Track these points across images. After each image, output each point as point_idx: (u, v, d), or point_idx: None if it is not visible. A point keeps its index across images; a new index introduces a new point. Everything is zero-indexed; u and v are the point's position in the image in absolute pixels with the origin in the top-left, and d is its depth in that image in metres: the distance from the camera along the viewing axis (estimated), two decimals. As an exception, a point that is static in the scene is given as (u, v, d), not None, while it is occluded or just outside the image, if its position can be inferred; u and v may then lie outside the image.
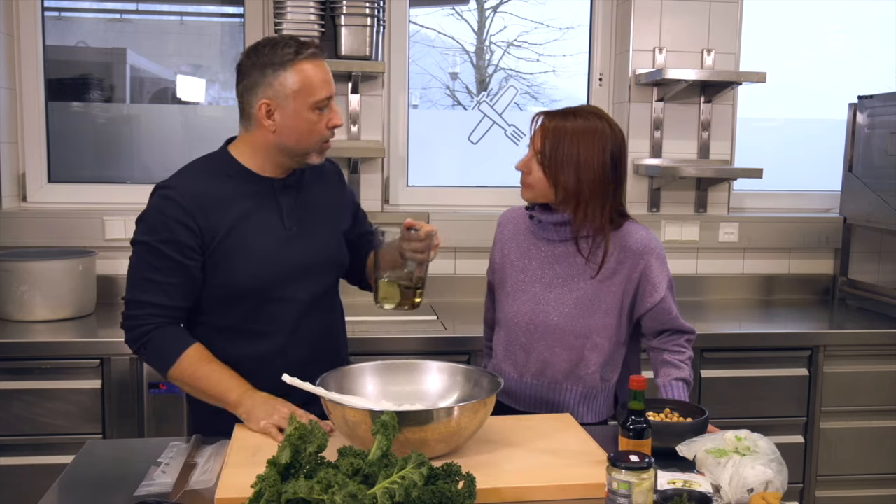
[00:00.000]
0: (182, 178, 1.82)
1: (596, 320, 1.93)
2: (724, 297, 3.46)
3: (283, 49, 1.73)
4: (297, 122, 1.75)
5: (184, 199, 1.74)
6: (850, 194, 3.43)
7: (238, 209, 1.79)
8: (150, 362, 1.83)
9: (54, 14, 3.35)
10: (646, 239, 1.93)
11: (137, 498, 1.43)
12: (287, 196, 1.85)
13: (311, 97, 1.74)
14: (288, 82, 1.73)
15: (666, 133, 3.35)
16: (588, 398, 1.98)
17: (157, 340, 1.76)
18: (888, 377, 2.91)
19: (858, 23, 3.73)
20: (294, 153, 1.80)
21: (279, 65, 1.73)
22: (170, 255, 1.73)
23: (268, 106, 1.76)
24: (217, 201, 1.77)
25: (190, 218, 1.74)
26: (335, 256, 1.94)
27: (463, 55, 3.68)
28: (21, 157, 3.21)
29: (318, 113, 1.76)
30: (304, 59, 1.73)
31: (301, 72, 1.73)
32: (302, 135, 1.77)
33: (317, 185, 1.93)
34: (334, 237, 1.94)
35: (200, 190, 1.77)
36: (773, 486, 1.41)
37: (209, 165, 1.85)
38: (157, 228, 1.74)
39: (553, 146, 1.84)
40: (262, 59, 1.75)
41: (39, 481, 2.45)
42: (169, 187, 1.78)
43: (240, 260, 1.78)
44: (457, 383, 1.76)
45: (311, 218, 1.88)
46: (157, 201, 1.77)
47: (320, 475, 1.20)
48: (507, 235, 2.06)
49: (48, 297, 2.80)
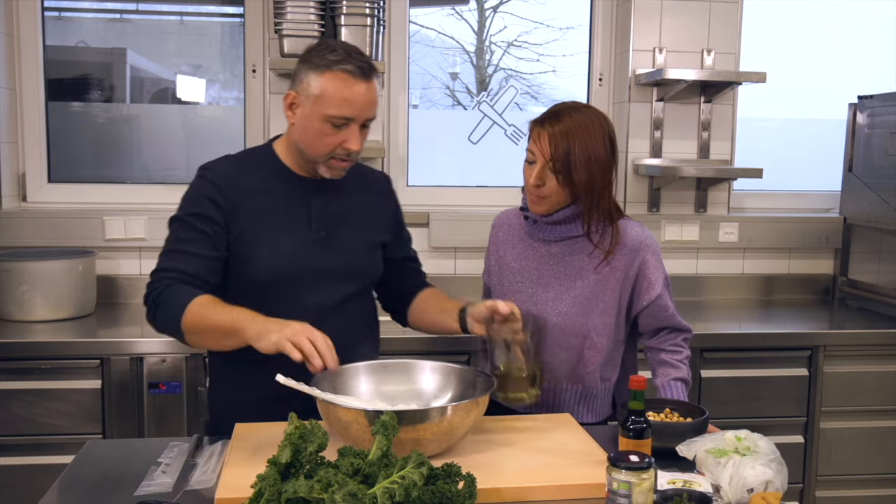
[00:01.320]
0: (222, 161, 1.87)
1: (594, 319, 1.93)
2: (724, 297, 3.46)
3: (327, 54, 1.73)
4: (308, 126, 1.75)
5: (217, 179, 1.79)
6: (850, 194, 3.43)
7: (266, 202, 1.80)
8: (163, 321, 1.73)
9: (54, 14, 3.35)
10: (641, 235, 1.93)
11: (137, 498, 1.43)
12: (319, 198, 1.85)
13: (326, 109, 1.72)
14: (313, 84, 1.73)
15: (666, 133, 3.35)
16: (587, 398, 1.98)
17: (167, 296, 1.71)
18: (888, 377, 2.91)
19: (858, 23, 3.73)
20: (305, 156, 1.80)
21: (315, 66, 1.73)
22: (196, 226, 1.76)
23: (293, 98, 1.77)
24: (248, 189, 1.80)
25: (220, 196, 1.77)
26: (361, 266, 1.92)
27: (463, 55, 3.68)
28: (21, 157, 3.21)
29: (332, 127, 1.74)
30: (340, 70, 1.71)
31: (328, 81, 1.71)
32: (309, 140, 1.77)
33: (357, 193, 1.92)
34: (365, 247, 1.92)
35: (234, 175, 1.81)
36: (773, 486, 1.41)
37: (250, 155, 1.90)
38: (189, 204, 1.80)
39: (564, 149, 1.81)
40: (308, 54, 1.76)
41: (39, 481, 2.46)
42: (207, 168, 1.84)
43: (257, 253, 1.78)
44: (450, 383, 1.76)
45: (342, 224, 1.87)
46: (194, 180, 1.84)
47: (320, 475, 1.20)
48: (502, 237, 2.05)
49: (48, 297, 2.80)
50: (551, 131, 1.83)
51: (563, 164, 1.82)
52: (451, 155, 3.60)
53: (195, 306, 1.68)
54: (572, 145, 1.81)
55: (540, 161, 1.84)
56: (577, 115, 1.85)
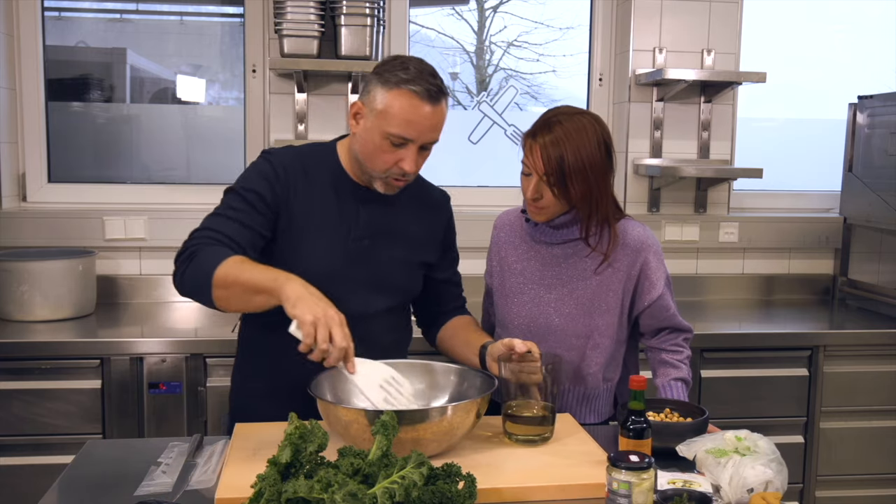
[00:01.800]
0: (286, 150, 1.87)
1: (597, 320, 1.93)
2: (724, 297, 3.46)
3: (399, 70, 1.71)
4: (368, 139, 1.74)
5: (279, 166, 1.79)
6: (850, 194, 3.43)
7: (317, 201, 1.80)
8: (194, 273, 1.65)
9: (54, 14, 3.35)
10: (643, 236, 1.93)
11: (137, 498, 1.43)
12: (370, 208, 1.84)
13: (388, 127, 1.70)
14: (378, 100, 1.71)
15: (666, 133, 3.35)
16: (589, 399, 1.98)
17: (207, 251, 1.66)
18: (888, 377, 2.91)
19: (858, 23, 3.73)
20: (363, 168, 1.79)
21: (385, 81, 1.71)
22: (248, 199, 1.74)
23: (358, 108, 1.76)
24: (304, 185, 1.79)
25: (276, 180, 1.77)
26: (399, 283, 1.90)
27: (463, 55, 3.68)
28: (21, 157, 3.21)
29: (390, 145, 1.72)
30: (407, 90, 1.69)
31: (394, 98, 1.70)
32: (368, 153, 1.76)
33: (413, 209, 1.91)
34: (406, 264, 1.90)
35: (295, 167, 1.80)
36: (773, 486, 1.41)
37: (314, 150, 1.88)
38: (248, 180, 1.79)
39: (557, 161, 1.79)
40: (381, 68, 1.75)
41: (39, 481, 2.46)
42: (271, 153, 1.84)
43: (296, 249, 1.78)
44: (450, 383, 1.76)
45: (387, 238, 1.86)
46: (257, 161, 1.83)
47: (320, 474, 1.20)
48: (504, 239, 2.05)
49: (48, 297, 2.80)
50: (543, 143, 1.80)
51: (558, 176, 1.79)
52: (451, 155, 3.60)
53: (233, 260, 1.63)
54: (565, 155, 1.78)
55: (535, 174, 1.83)
56: (568, 122, 1.81)
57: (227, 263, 1.61)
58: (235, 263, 1.62)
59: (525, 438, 1.65)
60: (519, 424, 1.66)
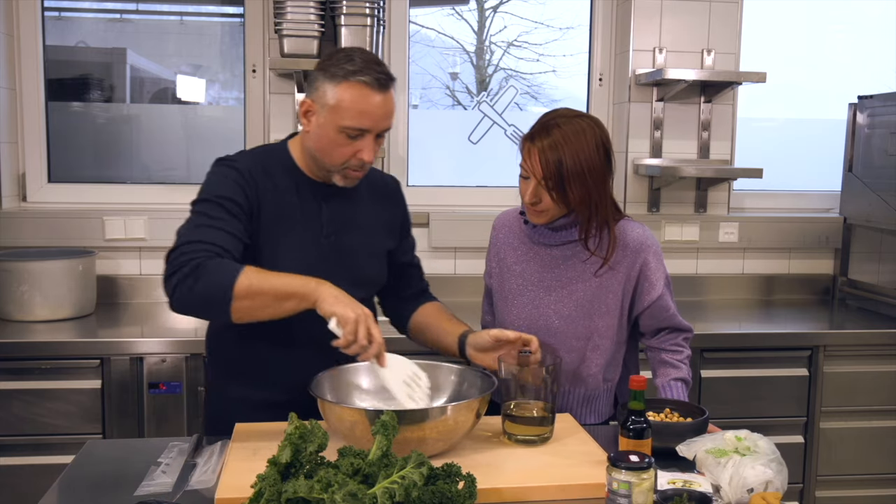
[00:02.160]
0: (243, 155, 1.84)
1: (597, 321, 1.93)
2: (724, 297, 3.46)
3: (345, 63, 1.70)
4: (323, 135, 1.74)
5: (243, 171, 1.77)
6: (850, 194, 3.43)
7: (282, 203, 1.79)
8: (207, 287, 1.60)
9: (54, 14, 3.35)
10: (642, 236, 1.93)
11: (137, 498, 1.42)
12: (331, 203, 1.84)
13: (342, 120, 1.70)
14: (328, 95, 1.71)
15: (666, 133, 3.35)
16: (590, 400, 1.98)
17: (214, 264, 1.61)
18: (888, 377, 2.91)
19: (858, 23, 3.73)
20: (319, 164, 1.79)
21: (331, 75, 1.71)
22: (226, 208, 1.72)
23: (308, 106, 1.75)
24: (266, 187, 1.78)
25: (246, 185, 1.75)
26: (369, 273, 1.91)
27: (463, 55, 3.68)
28: (21, 157, 3.21)
29: (346, 138, 1.72)
30: (356, 81, 1.68)
31: (343, 91, 1.69)
32: (323, 149, 1.75)
33: (370, 198, 1.91)
34: (372, 255, 1.91)
35: (257, 170, 1.79)
36: (773, 486, 1.41)
37: (268, 153, 1.87)
38: (216, 187, 1.75)
39: (555, 165, 1.78)
40: (326, 63, 1.74)
41: (39, 481, 2.45)
42: (230, 159, 1.81)
43: (269, 253, 1.77)
44: (450, 383, 1.76)
45: (352, 230, 1.86)
46: (218, 169, 1.79)
47: (320, 474, 1.20)
48: (503, 240, 2.04)
49: (48, 297, 2.80)
50: (541, 146, 1.79)
51: (556, 181, 1.79)
52: (451, 155, 3.60)
53: (251, 270, 1.61)
54: (563, 159, 1.77)
55: (533, 178, 1.82)
56: (566, 125, 1.80)
57: (246, 274, 1.60)
58: (254, 273, 1.61)
59: (525, 438, 1.65)
60: (518, 424, 1.66)
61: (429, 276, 2.14)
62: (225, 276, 1.59)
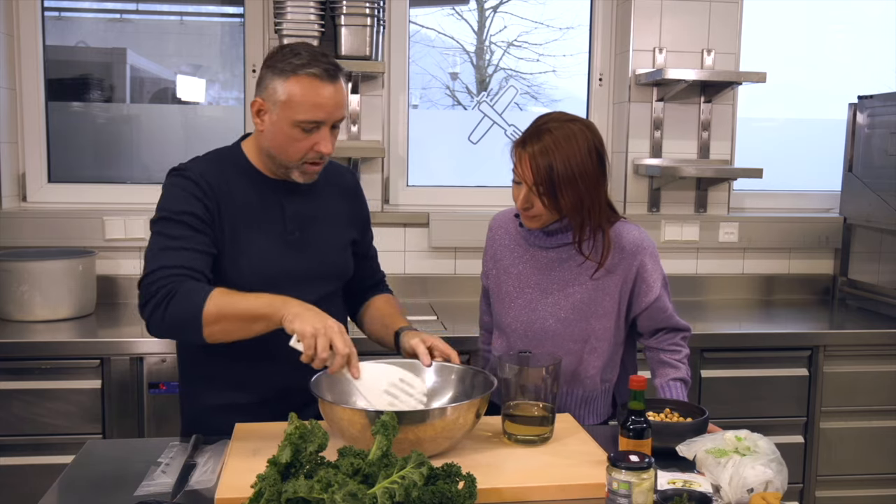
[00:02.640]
0: (195, 163, 1.83)
1: (594, 323, 1.93)
2: (724, 297, 3.46)
3: (291, 58, 1.70)
4: (277, 131, 1.73)
5: (198, 179, 1.76)
6: (850, 194, 3.43)
7: (241, 205, 1.79)
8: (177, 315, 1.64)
9: (54, 14, 3.35)
10: (638, 238, 1.93)
11: (137, 498, 1.43)
12: (292, 200, 1.84)
13: (295, 115, 1.70)
14: (278, 91, 1.71)
15: (666, 133, 3.35)
16: (588, 401, 1.98)
17: (183, 291, 1.64)
18: (888, 377, 2.91)
19: (858, 23, 3.73)
20: (276, 162, 1.79)
21: (279, 71, 1.71)
22: (187, 223, 1.72)
23: (259, 105, 1.75)
24: (224, 192, 1.78)
25: (204, 196, 1.75)
26: (336, 267, 1.92)
27: (463, 55, 3.68)
28: (21, 157, 3.21)
29: (302, 132, 1.72)
30: (305, 75, 1.68)
31: (293, 86, 1.69)
32: (280, 146, 1.75)
33: (330, 192, 1.91)
34: (338, 247, 1.92)
35: (212, 175, 1.78)
36: (773, 486, 1.41)
37: (221, 157, 1.86)
38: (173, 203, 1.75)
39: (546, 171, 1.77)
40: (272, 60, 1.74)
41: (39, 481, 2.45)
42: (183, 169, 1.80)
43: (238, 258, 1.77)
44: (450, 383, 1.76)
45: (315, 225, 1.87)
46: (173, 180, 1.79)
47: (320, 475, 1.20)
48: (499, 241, 2.04)
49: (48, 297, 2.80)
50: (532, 152, 1.78)
51: (547, 186, 1.78)
52: (451, 155, 3.60)
53: (217, 294, 1.63)
54: (554, 164, 1.76)
55: (524, 185, 1.82)
56: (557, 130, 1.79)
57: (212, 299, 1.62)
58: (221, 297, 1.63)
59: (525, 439, 1.65)
60: (518, 425, 1.66)
61: (429, 276, 2.14)
62: (193, 304, 1.62)
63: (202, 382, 1.88)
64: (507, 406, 1.68)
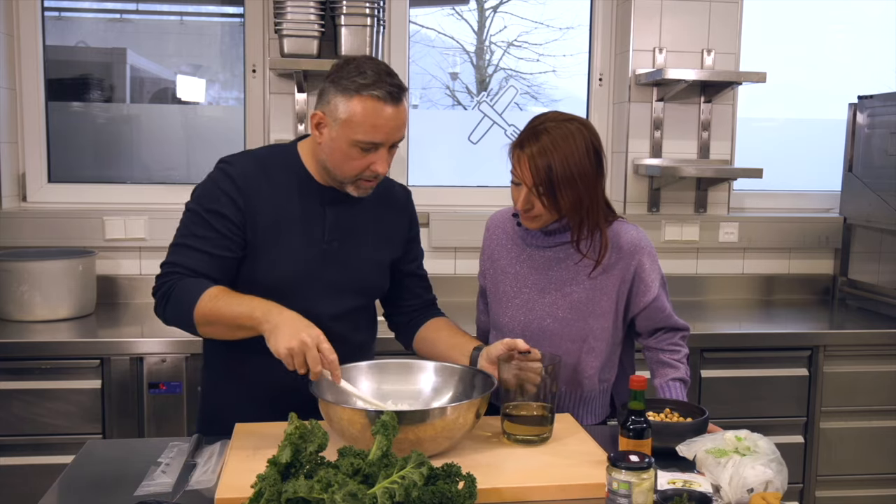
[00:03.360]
0: (244, 157, 1.83)
1: (591, 323, 1.92)
2: (724, 297, 3.46)
3: (356, 76, 1.68)
4: (336, 147, 1.72)
5: (237, 177, 1.76)
6: (850, 194, 3.43)
7: (283, 206, 1.78)
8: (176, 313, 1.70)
9: (54, 14, 3.35)
10: (636, 238, 1.92)
11: (137, 498, 1.42)
12: (336, 209, 1.82)
13: (354, 135, 1.69)
14: (340, 109, 1.69)
15: (666, 133, 3.35)
16: (586, 401, 1.97)
17: (179, 289, 1.69)
18: (888, 377, 2.91)
19: (858, 23, 3.73)
20: (331, 175, 1.78)
21: (343, 89, 1.69)
22: (212, 224, 1.73)
23: (319, 119, 1.74)
24: (266, 191, 1.77)
25: (239, 196, 1.75)
26: (370, 282, 1.90)
27: (463, 55, 3.68)
28: (21, 157, 3.21)
29: (360, 151, 1.71)
30: (369, 96, 1.67)
31: (355, 106, 1.67)
32: (336, 162, 1.74)
33: (377, 207, 1.89)
34: (376, 263, 1.90)
35: (255, 174, 1.78)
36: (773, 486, 1.41)
37: (274, 153, 1.86)
38: (207, 198, 1.76)
39: (545, 172, 1.77)
40: (337, 74, 1.72)
41: (39, 481, 2.45)
42: (229, 162, 1.80)
43: (266, 256, 1.77)
44: (450, 383, 1.76)
45: (354, 238, 1.85)
46: (215, 173, 1.79)
47: (320, 475, 1.20)
48: (496, 241, 2.03)
49: (48, 297, 2.80)
50: (530, 153, 1.78)
51: (547, 187, 1.78)
52: (451, 155, 3.60)
53: (209, 296, 1.65)
54: (553, 164, 1.76)
55: (523, 186, 1.81)
56: (555, 130, 1.79)
57: (203, 301, 1.65)
58: (212, 300, 1.65)
59: (524, 438, 1.65)
60: (518, 424, 1.66)
61: (429, 275, 2.13)
62: (187, 303, 1.67)
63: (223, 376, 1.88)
64: (506, 406, 1.68)
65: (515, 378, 1.69)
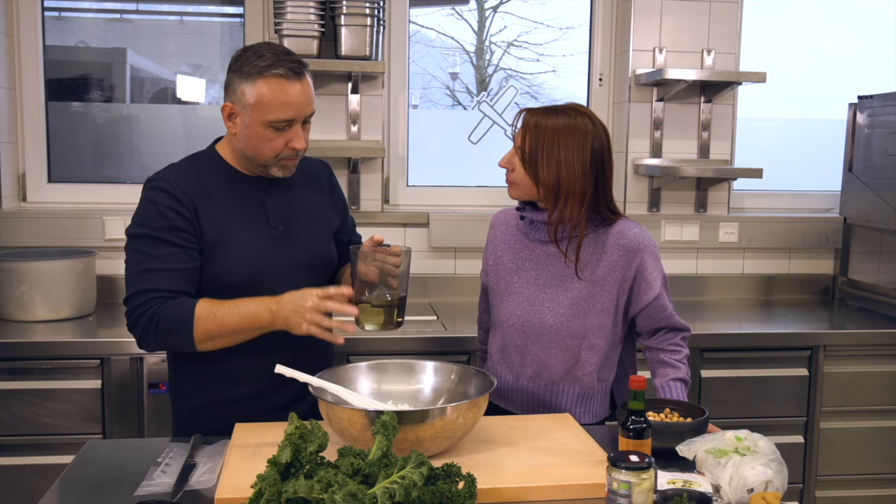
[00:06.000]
0: (171, 171, 1.86)
1: (592, 320, 1.93)
2: (724, 297, 3.46)
3: (257, 60, 1.73)
4: (251, 133, 1.77)
5: (174, 190, 1.78)
6: (850, 194, 3.43)
7: (224, 205, 1.82)
8: (168, 338, 1.74)
9: (54, 14, 3.35)
10: (639, 236, 1.93)
11: (137, 498, 1.43)
12: (272, 196, 1.87)
13: (266, 116, 1.73)
14: (247, 94, 1.73)
15: (666, 133, 3.35)
16: (585, 399, 1.97)
17: (166, 313, 1.71)
18: (888, 377, 2.91)
19: (858, 23, 3.73)
20: (254, 162, 1.82)
21: (246, 75, 1.73)
22: (169, 240, 1.75)
23: (230, 110, 1.78)
24: (203, 195, 1.80)
25: (183, 207, 1.77)
26: (322, 257, 1.95)
27: (463, 55, 3.68)
28: (21, 157, 3.21)
29: (275, 131, 1.75)
30: (271, 76, 1.71)
31: (261, 87, 1.72)
32: (255, 147, 1.78)
33: (306, 186, 1.95)
34: (322, 238, 1.95)
35: (190, 183, 1.80)
36: (773, 486, 1.41)
37: (197, 161, 1.89)
38: (153, 218, 1.77)
39: (534, 143, 1.84)
40: (238, 63, 1.76)
41: (39, 481, 2.46)
42: (159, 179, 1.82)
43: (225, 256, 1.79)
44: (450, 382, 1.76)
45: (298, 218, 1.90)
46: (149, 193, 1.81)
47: (320, 475, 1.21)
48: (500, 237, 2.05)
49: (48, 297, 2.80)
50: (530, 122, 1.87)
51: (531, 156, 1.85)
52: (451, 155, 3.60)
53: (203, 316, 1.70)
54: (543, 142, 1.84)
55: (515, 146, 1.89)
56: (565, 117, 1.86)
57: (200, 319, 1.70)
58: (209, 316, 1.70)
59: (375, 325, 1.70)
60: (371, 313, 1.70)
61: (429, 275, 2.14)
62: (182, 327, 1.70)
63: (195, 378, 1.88)
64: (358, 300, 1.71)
65: (374, 271, 1.71)
